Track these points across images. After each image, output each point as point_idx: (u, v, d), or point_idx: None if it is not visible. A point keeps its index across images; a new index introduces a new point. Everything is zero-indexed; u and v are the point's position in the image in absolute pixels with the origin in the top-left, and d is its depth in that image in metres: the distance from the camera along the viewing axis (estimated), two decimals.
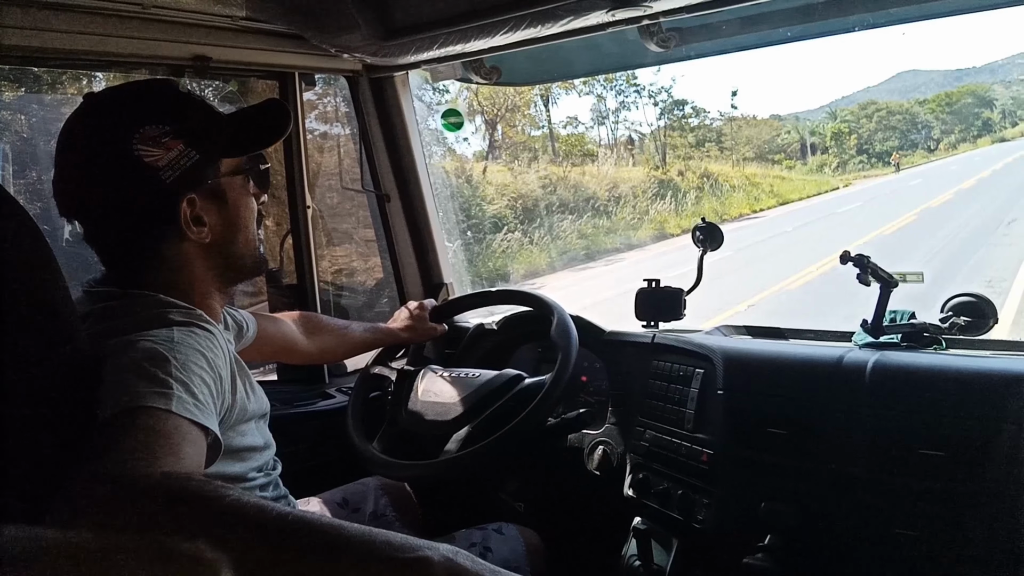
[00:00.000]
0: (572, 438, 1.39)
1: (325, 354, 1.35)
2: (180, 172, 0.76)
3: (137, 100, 0.80)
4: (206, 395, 0.66)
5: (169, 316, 0.73)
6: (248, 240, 0.86)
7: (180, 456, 0.57)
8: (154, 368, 0.63)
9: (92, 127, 0.77)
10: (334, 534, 0.47)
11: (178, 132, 0.76)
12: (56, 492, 0.50)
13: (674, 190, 16.75)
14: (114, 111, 0.77)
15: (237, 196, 0.84)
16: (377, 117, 1.67)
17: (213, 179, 0.81)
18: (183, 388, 0.62)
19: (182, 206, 0.77)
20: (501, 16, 1.14)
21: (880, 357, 1.03)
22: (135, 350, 0.65)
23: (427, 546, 0.47)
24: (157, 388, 0.61)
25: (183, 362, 0.65)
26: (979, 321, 1.13)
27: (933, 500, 0.91)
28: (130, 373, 0.62)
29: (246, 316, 1.11)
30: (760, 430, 1.07)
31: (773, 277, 8.33)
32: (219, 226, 0.82)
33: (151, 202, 0.76)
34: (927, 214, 12.89)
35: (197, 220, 0.79)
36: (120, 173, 0.75)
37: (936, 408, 0.94)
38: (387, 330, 1.39)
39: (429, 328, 1.42)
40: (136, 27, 1.21)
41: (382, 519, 1.24)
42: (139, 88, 0.83)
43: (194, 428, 0.61)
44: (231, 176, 0.83)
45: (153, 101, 0.79)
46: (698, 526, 1.12)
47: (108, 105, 0.78)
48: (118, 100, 0.80)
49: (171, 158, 0.75)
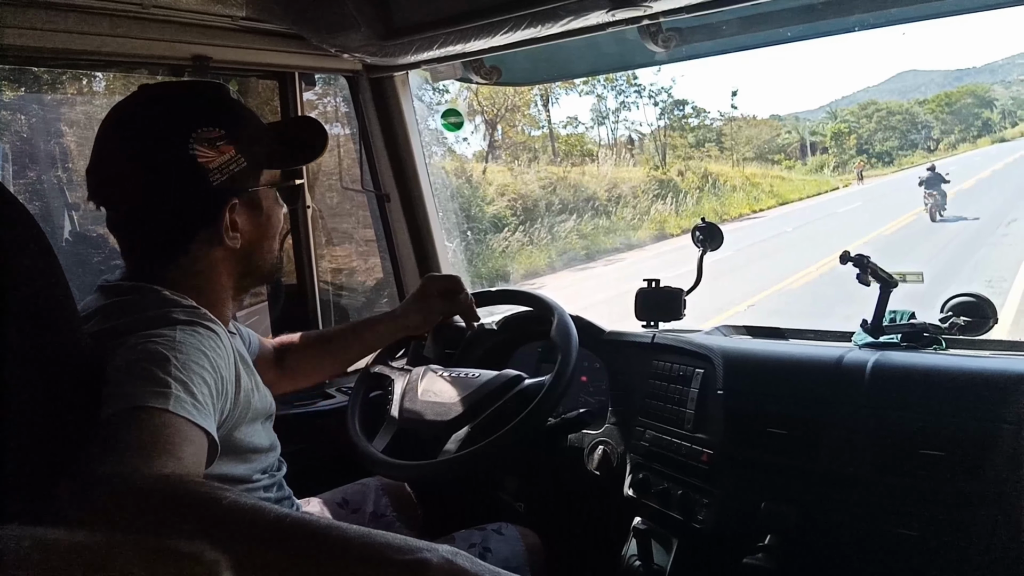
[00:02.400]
0: (572, 438, 1.39)
1: (312, 372, 1.23)
2: (228, 176, 0.78)
3: (196, 99, 0.81)
4: (206, 395, 0.66)
5: (172, 315, 0.73)
6: (272, 249, 0.89)
7: (179, 456, 0.56)
8: (154, 367, 0.63)
9: (149, 118, 0.77)
10: (333, 536, 0.47)
11: (232, 137, 0.78)
12: (56, 492, 0.50)
13: (674, 190, 16.77)
14: (173, 106, 0.78)
15: (270, 207, 0.86)
16: (377, 117, 1.67)
17: (254, 187, 0.83)
18: (182, 388, 0.62)
19: (225, 210, 0.79)
20: (501, 16, 1.14)
21: (880, 357, 1.03)
22: (136, 350, 0.65)
23: (426, 547, 0.47)
24: (156, 388, 0.60)
25: (184, 361, 0.65)
26: (979, 321, 1.13)
27: (933, 500, 0.91)
28: (130, 373, 0.62)
29: (250, 332, 1.10)
30: (760, 430, 1.07)
31: (773, 277, 8.34)
32: (250, 234, 0.84)
33: (196, 202, 0.78)
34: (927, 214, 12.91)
35: (233, 225, 0.81)
36: (172, 169, 0.76)
37: (936, 408, 0.94)
38: (393, 325, 1.23)
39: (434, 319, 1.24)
40: (136, 27, 1.21)
41: (382, 519, 1.24)
42: (197, 87, 0.86)
43: (193, 428, 0.61)
44: (268, 187, 0.86)
45: (211, 103, 0.80)
46: (698, 526, 1.12)
47: (167, 99, 0.79)
48: (177, 96, 0.81)
49: (222, 161, 0.77)
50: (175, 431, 0.59)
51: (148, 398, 0.59)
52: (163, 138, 0.76)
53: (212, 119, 0.77)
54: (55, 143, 1.83)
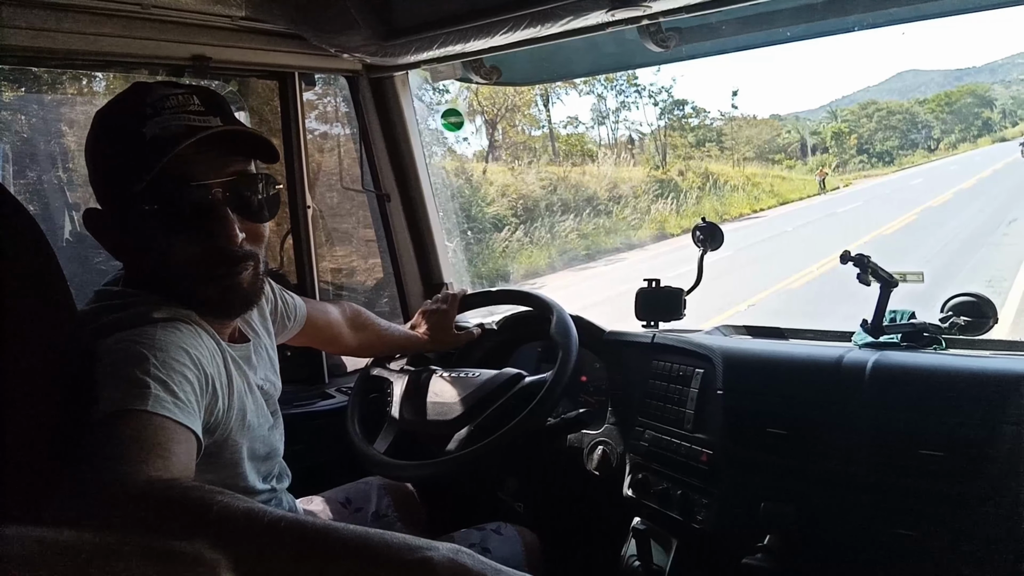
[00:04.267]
0: (572, 438, 1.39)
1: (363, 349, 1.36)
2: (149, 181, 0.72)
3: (132, 99, 0.78)
4: (188, 392, 0.65)
5: (152, 314, 0.71)
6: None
7: (165, 456, 0.56)
8: (133, 368, 0.62)
9: (99, 120, 0.76)
10: (331, 538, 0.47)
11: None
12: (49, 496, 0.50)
13: (675, 190, 16.76)
14: (118, 110, 0.77)
15: (208, 216, 0.75)
16: (377, 117, 1.67)
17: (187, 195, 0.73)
18: (161, 387, 0.62)
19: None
20: (501, 16, 1.14)
21: (880, 357, 1.03)
22: (115, 352, 0.64)
23: (428, 546, 0.47)
24: (136, 389, 0.60)
25: (163, 359, 0.65)
26: (979, 321, 1.13)
27: (933, 500, 0.91)
28: (111, 376, 0.61)
29: (297, 302, 1.12)
30: (760, 430, 1.07)
31: (774, 277, 8.34)
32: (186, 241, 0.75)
33: (127, 204, 0.73)
34: (927, 214, 12.90)
35: (168, 231, 0.74)
36: (105, 173, 0.75)
37: (936, 408, 0.94)
38: (417, 340, 1.38)
39: (452, 338, 1.41)
40: (136, 27, 1.22)
41: (384, 519, 1.24)
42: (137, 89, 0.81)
43: (177, 426, 0.60)
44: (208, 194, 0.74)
45: (133, 104, 0.75)
46: (698, 526, 1.12)
47: (114, 103, 0.77)
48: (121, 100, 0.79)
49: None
50: (161, 431, 0.58)
51: (128, 400, 0.59)
52: (105, 139, 0.75)
53: (139, 120, 0.72)
54: (55, 143, 1.83)
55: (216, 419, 0.74)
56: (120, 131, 0.73)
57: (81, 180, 0.89)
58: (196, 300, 0.76)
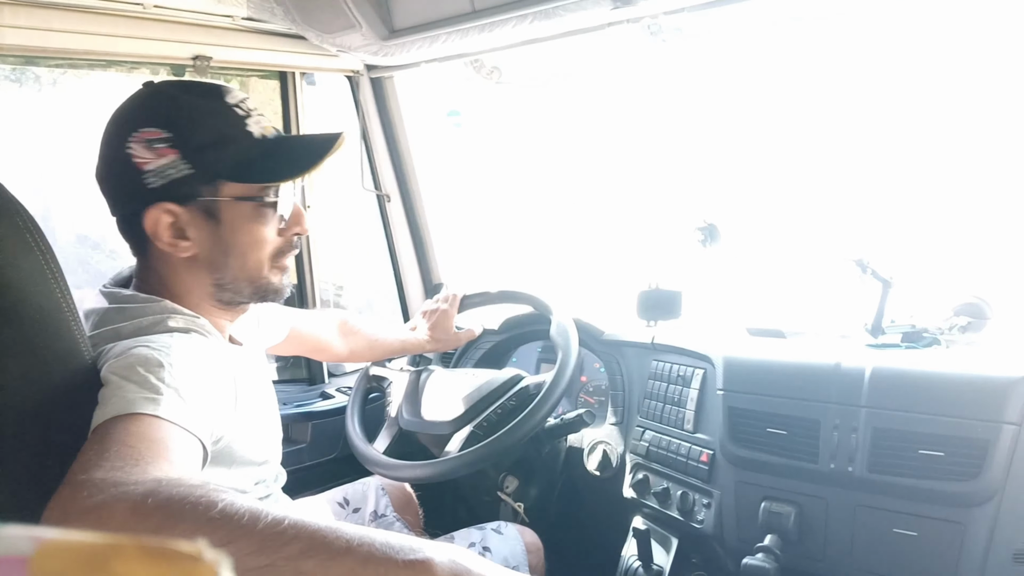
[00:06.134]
0: (572, 438, 1.39)
1: (353, 356, 1.34)
2: (167, 181, 0.73)
3: (147, 99, 0.78)
4: (198, 402, 0.65)
5: (168, 322, 0.73)
6: (246, 267, 0.81)
7: (171, 461, 0.56)
8: (147, 373, 0.62)
9: (107, 124, 0.77)
10: (332, 538, 0.47)
11: (175, 142, 0.74)
12: (51, 497, 0.50)
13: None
14: (124, 105, 0.77)
15: (236, 220, 0.78)
16: (377, 117, 1.67)
17: (209, 197, 0.76)
18: (174, 394, 0.62)
19: (150, 212, 0.74)
20: (501, 16, 1.14)
21: (880, 357, 1.03)
22: (130, 355, 0.64)
23: (428, 547, 0.47)
24: (148, 394, 0.60)
25: (177, 368, 0.65)
26: (979, 321, 1.13)
27: (933, 500, 0.91)
28: (124, 379, 0.61)
29: (278, 310, 1.10)
30: (760, 430, 1.07)
31: (773, 276, 8.34)
32: (207, 245, 0.77)
33: (131, 203, 0.75)
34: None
35: (180, 233, 0.76)
36: (111, 166, 0.75)
37: (936, 408, 0.94)
38: (414, 342, 1.37)
39: (452, 338, 1.40)
40: (136, 27, 1.22)
41: (383, 519, 1.24)
42: (149, 92, 0.82)
43: (185, 434, 0.61)
44: (236, 200, 0.77)
45: (160, 104, 0.77)
46: (698, 526, 1.12)
47: (130, 99, 0.78)
48: (135, 95, 0.79)
49: (159, 165, 0.73)
50: (169, 436, 0.58)
51: (140, 404, 0.59)
52: (108, 136, 0.75)
53: (155, 121, 0.73)
54: (55, 143, 1.83)
55: (222, 427, 0.74)
56: (220, 127, 0.76)
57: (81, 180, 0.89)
58: (263, 289, 0.83)
